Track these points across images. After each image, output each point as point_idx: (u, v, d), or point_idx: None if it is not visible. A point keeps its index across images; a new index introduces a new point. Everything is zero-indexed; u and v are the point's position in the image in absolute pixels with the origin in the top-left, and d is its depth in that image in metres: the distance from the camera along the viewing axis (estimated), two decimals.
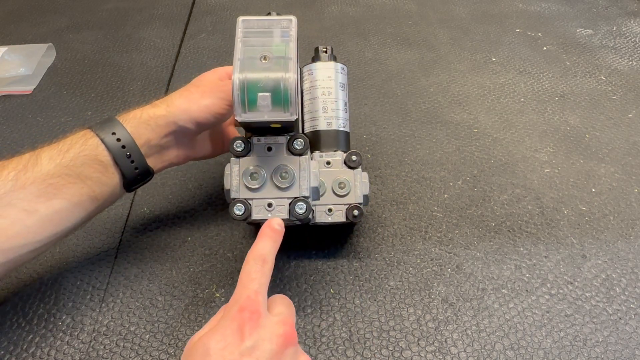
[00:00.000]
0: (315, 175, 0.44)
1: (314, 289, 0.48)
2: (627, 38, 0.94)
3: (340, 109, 0.51)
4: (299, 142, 0.43)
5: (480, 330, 0.45)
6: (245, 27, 0.41)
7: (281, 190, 0.42)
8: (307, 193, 0.42)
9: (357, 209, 0.48)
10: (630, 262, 0.51)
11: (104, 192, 0.45)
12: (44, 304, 0.48)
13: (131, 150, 0.45)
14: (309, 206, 0.42)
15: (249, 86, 0.39)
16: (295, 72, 0.39)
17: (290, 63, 0.39)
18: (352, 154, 0.49)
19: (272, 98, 0.39)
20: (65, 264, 0.51)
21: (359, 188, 0.48)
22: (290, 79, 0.39)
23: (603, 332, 0.45)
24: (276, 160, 0.43)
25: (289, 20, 0.41)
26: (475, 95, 0.77)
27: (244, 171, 0.43)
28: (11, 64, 0.84)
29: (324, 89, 0.51)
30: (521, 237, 0.54)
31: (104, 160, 0.44)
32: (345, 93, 0.52)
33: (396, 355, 0.43)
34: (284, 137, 0.43)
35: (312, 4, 1.07)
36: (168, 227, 0.55)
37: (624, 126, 0.70)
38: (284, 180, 0.42)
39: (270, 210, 0.43)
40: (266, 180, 0.43)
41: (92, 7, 1.07)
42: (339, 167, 0.49)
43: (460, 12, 1.04)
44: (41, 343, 0.44)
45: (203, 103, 0.47)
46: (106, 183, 0.44)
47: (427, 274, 0.50)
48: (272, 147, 0.43)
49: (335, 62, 0.53)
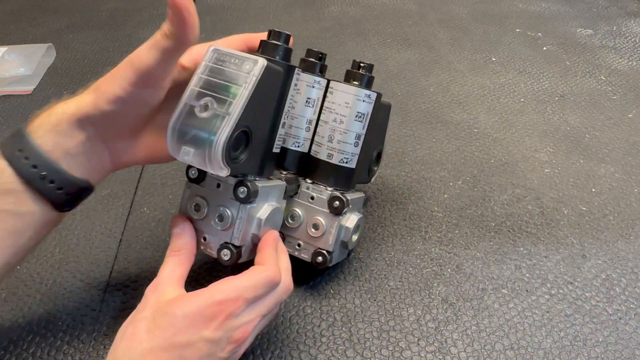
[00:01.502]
0: (260, 222, 0.41)
1: (314, 289, 0.48)
2: (627, 38, 0.94)
3: (348, 143, 0.46)
4: (242, 191, 0.40)
5: (480, 330, 0.45)
6: (210, 60, 0.38)
7: (218, 230, 0.41)
8: (237, 242, 0.41)
9: (322, 256, 0.45)
10: (630, 262, 0.51)
11: (28, 224, 0.37)
12: (44, 304, 0.48)
13: (46, 169, 0.36)
14: (233, 255, 0.41)
15: (177, 135, 0.37)
16: (228, 133, 0.36)
17: (225, 121, 0.36)
18: (336, 199, 0.44)
19: (194, 154, 0.37)
20: (65, 264, 0.51)
21: (333, 235, 0.45)
22: (216, 140, 0.36)
23: (603, 332, 0.45)
24: (221, 199, 0.41)
25: (254, 62, 0.37)
26: (475, 95, 0.77)
27: (192, 199, 0.42)
28: (11, 64, 0.84)
29: (336, 115, 0.46)
30: (521, 237, 0.54)
31: (14, 188, 0.36)
32: (362, 125, 0.46)
33: (396, 355, 0.43)
34: (233, 179, 0.41)
35: (312, 4, 1.07)
36: (168, 227, 0.55)
37: (624, 126, 0.70)
38: (220, 223, 0.41)
39: (204, 243, 0.42)
40: (208, 214, 0.42)
41: (92, 7, 1.07)
42: (321, 206, 0.45)
43: (460, 12, 1.04)
44: (41, 343, 0.44)
45: (111, 90, 0.36)
46: (26, 212, 0.37)
47: (427, 274, 0.50)
48: (221, 185, 0.41)
49: (362, 87, 0.46)
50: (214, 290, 0.36)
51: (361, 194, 0.49)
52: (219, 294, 0.36)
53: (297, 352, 0.43)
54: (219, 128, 0.36)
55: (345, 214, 0.45)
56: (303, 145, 0.47)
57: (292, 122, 0.47)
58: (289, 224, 0.46)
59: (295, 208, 0.46)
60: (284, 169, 0.47)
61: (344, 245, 0.46)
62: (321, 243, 0.45)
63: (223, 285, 0.36)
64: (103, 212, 0.57)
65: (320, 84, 0.47)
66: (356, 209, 0.48)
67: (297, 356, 0.43)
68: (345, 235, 0.46)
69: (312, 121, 0.47)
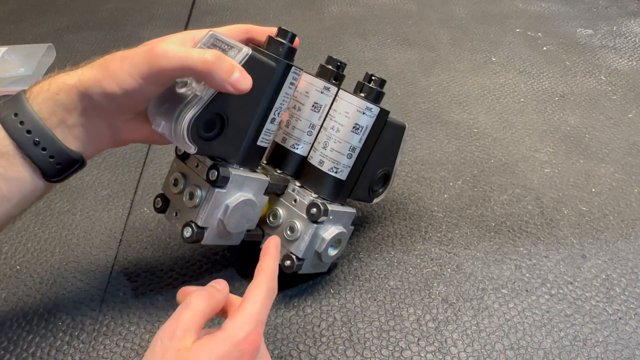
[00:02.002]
0: (227, 209, 0.42)
1: (314, 289, 0.48)
2: (627, 38, 0.94)
3: (342, 153, 0.45)
4: (213, 174, 0.40)
5: (480, 330, 0.45)
6: (205, 43, 0.40)
7: (188, 208, 0.42)
8: (200, 222, 0.41)
9: (290, 260, 0.44)
10: (630, 262, 0.51)
11: (16, 190, 0.37)
12: (44, 304, 0.47)
13: (39, 135, 0.36)
14: (194, 234, 0.41)
15: (153, 105, 0.39)
16: (194, 112, 0.37)
17: (195, 101, 0.38)
18: (314, 206, 0.43)
19: (164, 127, 0.38)
20: (65, 264, 0.51)
21: (305, 242, 0.44)
22: (182, 117, 0.37)
23: (603, 332, 0.45)
24: (197, 179, 0.42)
25: (238, 50, 0.38)
26: (475, 95, 0.77)
27: (173, 174, 0.44)
28: (11, 64, 0.84)
29: (335, 123, 0.45)
30: (521, 237, 0.54)
31: (6, 151, 0.36)
32: (359, 137, 0.45)
33: (396, 355, 0.43)
34: (210, 162, 0.42)
35: (312, 4, 1.07)
36: (168, 227, 0.55)
37: (624, 126, 0.70)
38: (190, 201, 0.42)
39: (175, 218, 0.44)
40: (183, 190, 0.43)
41: (92, 7, 1.07)
42: (301, 211, 0.44)
43: (460, 12, 1.04)
44: (41, 343, 0.44)
45: (118, 74, 0.36)
46: (15, 178, 0.36)
47: (427, 274, 0.50)
48: (199, 165, 0.43)
49: (367, 99, 0.45)
50: (234, 329, 0.33)
51: (351, 210, 0.47)
52: (240, 332, 0.33)
53: (297, 352, 0.43)
54: (187, 106, 0.38)
55: (323, 225, 0.44)
56: (302, 149, 0.47)
57: (295, 124, 0.47)
58: (270, 222, 0.46)
59: (278, 207, 0.46)
60: (280, 169, 0.48)
61: (318, 257, 0.45)
62: (293, 247, 0.44)
63: (238, 319, 0.34)
64: (103, 212, 0.57)
65: (330, 92, 0.46)
66: (340, 223, 0.46)
67: (297, 356, 0.43)
68: (320, 246, 0.45)
69: (315, 126, 0.47)
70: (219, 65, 0.36)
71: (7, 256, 0.52)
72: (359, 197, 0.49)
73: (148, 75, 0.36)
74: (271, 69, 0.41)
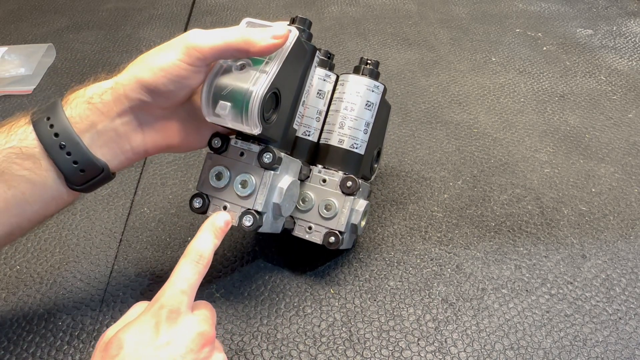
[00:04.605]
0: (281, 192, 0.42)
1: (314, 289, 0.48)
2: (627, 38, 0.94)
3: (358, 129, 0.48)
4: (268, 156, 0.41)
5: (480, 330, 0.45)
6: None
7: (240, 198, 0.42)
8: (259, 208, 0.41)
9: (334, 236, 0.46)
10: (630, 262, 0.51)
11: (36, 194, 0.36)
12: (44, 304, 0.48)
13: (66, 139, 0.36)
14: (256, 221, 0.41)
15: (214, 91, 0.39)
16: (265, 88, 0.38)
17: (263, 78, 0.38)
18: (348, 179, 0.46)
19: (231, 108, 0.38)
20: (66, 264, 0.51)
21: (344, 215, 0.46)
22: (255, 93, 0.38)
23: (603, 332, 0.45)
24: (244, 167, 0.42)
25: (289, 30, 0.40)
26: (475, 95, 0.77)
27: (214, 168, 0.43)
28: (11, 64, 0.84)
29: (347, 103, 0.48)
30: (521, 237, 0.54)
31: (34, 153, 0.36)
32: (371, 113, 0.49)
33: (396, 355, 0.43)
34: (257, 147, 0.42)
35: (312, 4, 1.07)
36: (168, 227, 0.55)
37: (624, 126, 0.70)
38: (243, 190, 0.42)
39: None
40: (230, 183, 0.42)
41: (92, 7, 1.07)
42: (333, 188, 0.47)
43: (460, 12, 1.04)
44: (41, 343, 0.44)
45: (157, 63, 0.37)
46: (38, 182, 0.36)
47: (427, 274, 0.50)
48: (245, 154, 0.42)
49: (371, 78, 0.49)
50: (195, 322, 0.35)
51: (367, 184, 0.51)
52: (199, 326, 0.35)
53: (297, 352, 0.43)
54: (257, 83, 0.38)
55: (355, 197, 0.47)
56: (313, 135, 0.49)
57: (304, 112, 0.48)
58: (300, 207, 0.47)
59: (307, 191, 0.47)
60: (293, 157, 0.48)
61: (354, 230, 0.47)
62: (333, 224, 0.46)
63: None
64: (103, 212, 0.57)
65: (331, 78, 0.50)
66: (363, 195, 0.50)
67: (297, 356, 0.43)
68: (355, 218, 0.47)
69: (322, 112, 0.49)
70: (254, 33, 0.37)
71: (7, 256, 0.52)
72: (364, 173, 0.51)
73: (187, 57, 0.36)
74: (306, 51, 0.43)
